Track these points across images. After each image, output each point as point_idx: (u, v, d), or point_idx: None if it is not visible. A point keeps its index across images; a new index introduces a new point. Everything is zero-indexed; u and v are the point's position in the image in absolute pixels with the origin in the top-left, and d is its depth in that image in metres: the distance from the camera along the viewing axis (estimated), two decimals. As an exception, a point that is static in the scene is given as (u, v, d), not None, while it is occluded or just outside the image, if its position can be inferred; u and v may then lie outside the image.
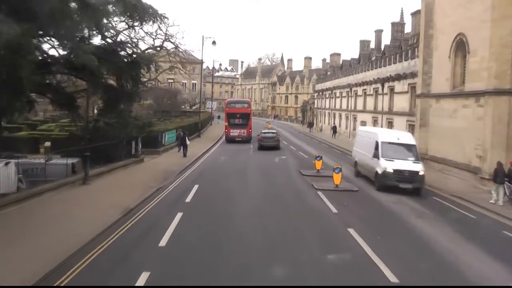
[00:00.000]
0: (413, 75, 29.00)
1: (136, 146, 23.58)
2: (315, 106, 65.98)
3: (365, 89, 40.02)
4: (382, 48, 39.81)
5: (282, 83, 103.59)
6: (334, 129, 46.92)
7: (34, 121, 37.25)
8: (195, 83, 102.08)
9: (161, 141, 28.99)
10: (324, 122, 58.28)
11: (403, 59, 31.04)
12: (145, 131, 25.89)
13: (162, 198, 15.03)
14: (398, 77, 31.59)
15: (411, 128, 29.52)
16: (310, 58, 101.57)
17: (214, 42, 42.66)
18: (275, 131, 37.70)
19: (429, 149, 26.21)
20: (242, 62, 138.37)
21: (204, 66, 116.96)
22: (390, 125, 33.47)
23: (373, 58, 38.97)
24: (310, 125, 61.96)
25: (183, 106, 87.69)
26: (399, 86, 31.76)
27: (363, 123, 40.17)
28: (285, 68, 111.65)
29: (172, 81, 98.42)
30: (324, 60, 64.33)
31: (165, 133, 29.87)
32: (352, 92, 44.17)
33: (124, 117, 23.88)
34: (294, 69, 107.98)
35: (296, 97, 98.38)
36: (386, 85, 34.29)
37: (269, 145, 32.94)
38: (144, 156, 26.02)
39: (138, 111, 62.49)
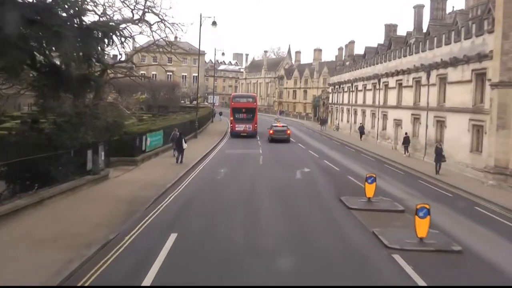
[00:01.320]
0: (481, 57, 21.33)
1: (95, 158, 16.11)
2: (330, 101, 58.27)
3: (400, 80, 32.32)
4: (424, 28, 32.01)
5: (289, 77, 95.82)
6: (361, 129, 39.17)
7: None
8: (196, 76, 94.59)
9: (139, 146, 21.54)
10: (342, 120, 50.60)
11: (463, 37, 23.33)
12: (113, 134, 18.46)
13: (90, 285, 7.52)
14: (455, 62, 23.88)
15: (476, 130, 21.95)
16: (320, 50, 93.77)
17: (214, 23, 35.08)
18: (285, 125, 38.30)
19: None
20: (247, 55, 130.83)
21: (207, 59, 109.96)
22: (440, 125, 25.81)
23: (411, 41, 31.21)
24: (323, 122, 54.49)
25: (182, 101, 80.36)
26: (455, 73, 24.05)
27: (397, 122, 32.55)
28: (293, 61, 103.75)
29: (171, 73, 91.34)
30: (340, 49, 56.60)
31: (146, 135, 22.40)
32: (381, 84, 36.47)
33: (80, 114, 16.50)
34: (302, 62, 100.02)
35: (305, 91, 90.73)
36: (434, 73, 26.59)
37: (280, 138, 34.75)
38: (113, 169, 18.72)
39: (130, 105, 55.67)
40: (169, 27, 21.24)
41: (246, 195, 14.93)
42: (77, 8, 13.16)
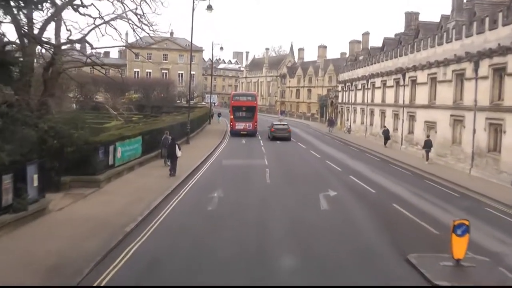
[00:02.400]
0: None
1: (21, 186, 10.56)
2: (340, 100, 52.66)
3: (433, 73, 26.72)
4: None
5: (292, 75, 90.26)
6: (386, 133, 32.87)
7: None
8: (193, 74, 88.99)
9: (105, 160, 15.95)
10: (354, 121, 44.97)
11: (534, 14, 17.79)
12: (61, 146, 12.93)
13: None
14: (521, 47, 18.33)
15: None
16: (325, 47, 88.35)
17: (210, 7, 29.50)
18: (286, 123, 38.59)
19: None
20: (247, 53, 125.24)
21: (206, 58, 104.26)
22: (495, 130, 20.23)
23: (449, 25, 25.55)
24: (331, 123, 49.03)
25: (178, 101, 74.92)
26: (520, 62, 18.51)
27: (430, 125, 26.95)
28: (296, 59, 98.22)
29: (166, 71, 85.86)
30: (352, 42, 50.96)
31: (115, 144, 16.80)
32: (407, 79, 30.88)
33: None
34: (305, 60, 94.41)
35: (309, 91, 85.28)
36: (485, 63, 20.99)
37: (281, 136, 34.52)
38: (63, 195, 13.40)
39: (118, 105, 50.13)
40: (145, 0, 15.79)
41: (249, 250, 9.23)
42: None
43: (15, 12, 11.96)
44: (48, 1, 12.88)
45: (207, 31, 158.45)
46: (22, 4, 11.31)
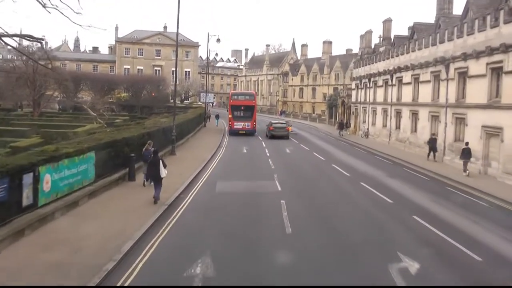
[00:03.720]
0: None
1: None
2: (353, 99, 46.06)
3: (495, 63, 20.13)
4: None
5: (295, 73, 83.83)
6: (433, 143, 24.90)
7: None
8: (189, 71, 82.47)
9: (10, 201, 9.28)
10: (374, 124, 38.33)
11: None
12: None
13: None
14: None
15: None
16: (330, 43, 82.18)
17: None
18: (284, 122, 38.89)
19: None
20: (246, 50, 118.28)
21: (204, 56, 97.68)
22: None
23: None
24: (342, 126, 42.73)
25: (172, 100, 68.47)
26: None
27: (490, 131, 20.38)
28: (298, 56, 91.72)
29: (159, 68, 79.11)
30: (369, 32, 44.17)
31: (36, 170, 10.15)
32: (452, 71, 24.29)
33: None
34: (309, 56, 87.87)
35: (314, 89, 78.87)
36: None
37: (280, 135, 34.78)
38: None
39: (98, 105, 43.60)
40: None
41: None
42: None
43: None
44: None
45: (205, 29, 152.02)
46: None
